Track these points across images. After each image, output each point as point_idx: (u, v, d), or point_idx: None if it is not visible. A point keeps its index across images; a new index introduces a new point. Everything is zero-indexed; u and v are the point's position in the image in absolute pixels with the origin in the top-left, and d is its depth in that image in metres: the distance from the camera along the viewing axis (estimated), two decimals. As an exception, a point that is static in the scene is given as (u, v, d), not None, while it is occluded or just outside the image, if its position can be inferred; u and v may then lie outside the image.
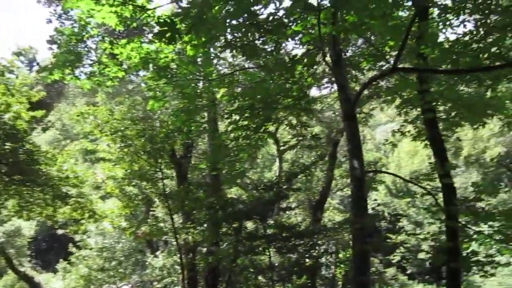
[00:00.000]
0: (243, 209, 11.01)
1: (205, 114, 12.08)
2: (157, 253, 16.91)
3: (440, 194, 8.26)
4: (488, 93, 8.92)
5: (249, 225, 12.09)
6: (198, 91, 9.97)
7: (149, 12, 8.94)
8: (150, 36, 10.16)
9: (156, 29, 9.94)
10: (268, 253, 10.72)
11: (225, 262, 11.53)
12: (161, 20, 4.42)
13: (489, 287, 20.16)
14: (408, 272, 29.67)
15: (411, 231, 20.42)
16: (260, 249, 10.83)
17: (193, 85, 9.89)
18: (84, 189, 14.44)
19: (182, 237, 11.54)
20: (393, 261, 29.69)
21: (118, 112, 11.99)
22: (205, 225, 11.63)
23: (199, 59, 9.42)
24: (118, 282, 17.00)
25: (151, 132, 11.29)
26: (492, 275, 7.62)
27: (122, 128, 11.53)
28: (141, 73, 14.60)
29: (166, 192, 11.47)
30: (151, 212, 15.99)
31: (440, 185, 8.40)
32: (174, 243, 12.83)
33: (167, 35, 4.28)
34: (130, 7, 8.07)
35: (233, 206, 11.18)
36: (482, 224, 12.29)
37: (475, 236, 7.87)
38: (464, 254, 7.88)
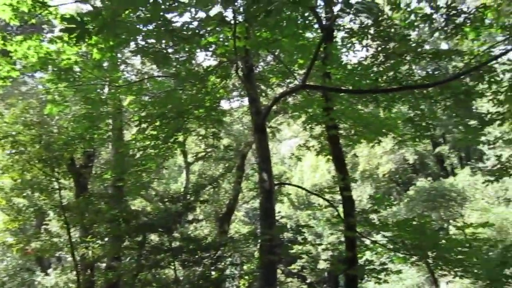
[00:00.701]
0: (148, 222, 10.58)
1: (110, 121, 11.49)
2: (49, 271, 15.51)
3: (341, 206, 8.78)
4: (381, 113, 9.74)
5: (155, 238, 11.66)
6: (103, 97, 9.48)
7: (51, 9, 8.33)
8: (50, 35, 9.43)
9: (58, 28, 9.29)
10: (173, 267, 10.39)
11: (126, 278, 10.93)
12: (68, 17, 4.09)
13: (379, 293, 21.81)
14: (308, 281, 30.97)
15: (312, 241, 21.41)
16: (165, 262, 10.46)
17: (98, 90, 9.38)
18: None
19: (79, 253, 10.71)
20: (294, 271, 30.81)
21: (8, 115, 10.85)
22: (106, 239, 10.95)
23: (105, 64, 8.97)
24: (-1, 306, 15.20)
25: (48, 138, 10.38)
26: (386, 281, 8.22)
27: (13, 133, 10.43)
28: (38, 74, 13.49)
29: (63, 204, 10.58)
30: (43, 226, 14.67)
31: (340, 197, 8.93)
32: (70, 259, 11.82)
33: (75, 33, 3.95)
34: (29, 1, 7.43)
35: (137, 218, 10.69)
36: (375, 235, 13.30)
37: (371, 245, 8.44)
38: (361, 263, 8.42)
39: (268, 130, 11.73)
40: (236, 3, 4.94)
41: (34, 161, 10.55)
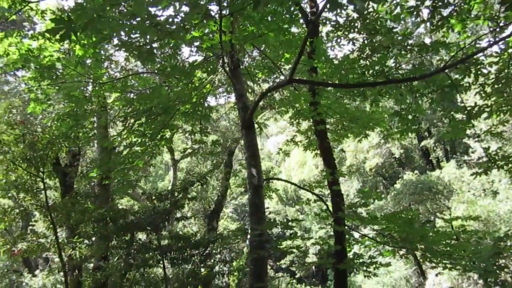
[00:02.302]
0: (135, 220, 10.47)
1: (95, 119, 11.32)
2: (36, 272, 15.30)
3: (329, 200, 8.79)
4: (367, 107, 9.73)
5: (142, 236, 11.56)
6: (87, 94, 9.32)
7: (31, 5, 8.16)
8: (31, 32, 9.24)
9: (40, 25, 9.08)
10: (162, 265, 10.32)
11: (114, 278, 10.82)
12: (55, 17, 3.97)
13: (368, 286, 22.02)
14: (297, 276, 31.16)
15: (301, 236, 21.52)
16: (154, 261, 10.38)
17: (81, 87, 9.22)
18: None
19: (66, 253, 10.55)
20: (283, 266, 30.98)
21: (-9, 115, 10.63)
22: (93, 238, 10.82)
23: (88, 61, 8.81)
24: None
25: (31, 137, 10.18)
26: (375, 274, 8.25)
27: (-4, 133, 10.21)
28: (20, 72, 13.23)
29: (49, 204, 10.40)
30: (30, 227, 14.43)
31: (328, 192, 8.93)
32: (57, 260, 11.63)
33: (61, 33, 3.82)
34: (9, -3, 7.26)
35: (125, 217, 10.58)
36: (363, 228, 13.36)
37: (360, 239, 8.46)
38: (350, 256, 8.44)
39: (255, 125, 11.70)
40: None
41: (19, 161, 10.33)
